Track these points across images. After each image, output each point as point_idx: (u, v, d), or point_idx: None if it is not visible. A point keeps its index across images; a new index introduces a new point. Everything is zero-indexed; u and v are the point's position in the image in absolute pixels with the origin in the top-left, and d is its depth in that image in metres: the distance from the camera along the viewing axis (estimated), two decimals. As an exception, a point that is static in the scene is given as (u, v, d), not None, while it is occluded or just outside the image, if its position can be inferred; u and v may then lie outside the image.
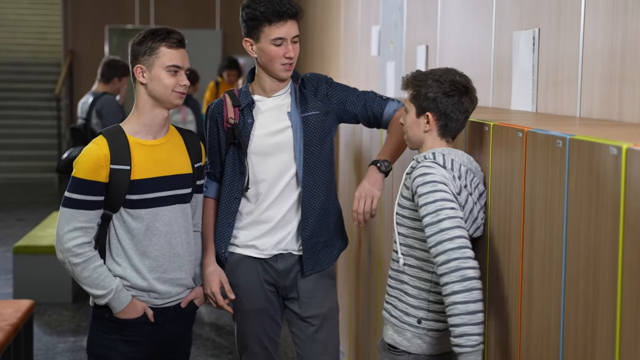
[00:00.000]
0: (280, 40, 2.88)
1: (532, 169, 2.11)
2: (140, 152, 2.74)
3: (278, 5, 2.86)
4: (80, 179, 2.68)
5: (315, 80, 3.06)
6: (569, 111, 2.89)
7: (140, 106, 2.76)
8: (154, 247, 2.77)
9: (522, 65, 3.29)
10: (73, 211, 2.68)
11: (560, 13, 2.96)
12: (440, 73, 2.49)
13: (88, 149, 2.72)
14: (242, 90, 3.03)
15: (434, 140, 2.50)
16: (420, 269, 2.46)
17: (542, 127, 2.24)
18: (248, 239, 3.05)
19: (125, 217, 2.74)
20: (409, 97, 2.52)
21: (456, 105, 2.46)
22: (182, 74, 2.73)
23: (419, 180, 2.37)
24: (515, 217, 2.23)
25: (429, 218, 2.30)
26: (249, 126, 2.98)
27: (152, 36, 2.72)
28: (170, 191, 2.79)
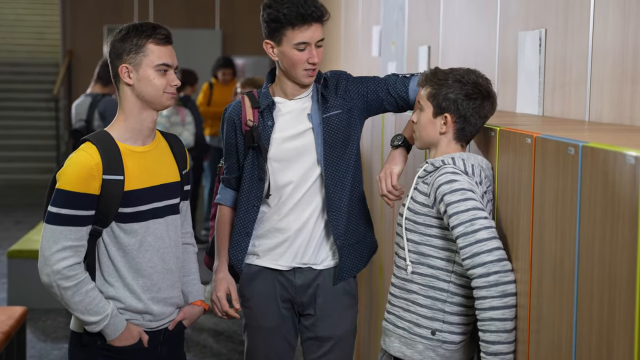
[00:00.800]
0: (303, 45, 2.70)
1: (542, 178, 2.00)
2: (132, 160, 2.49)
3: (302, 8, 2.68)
4: (69, 191, 2.38)
5: (335, 77, 2.87)
6: (577, 114, 2.79)
7: (128, 109, 2.51)
8: (147, 264, 2.52)
9: (528, 67, 3.18)
10: (62, 228, 2.39)
11: (568, 12, 2.85)
12: (463, 73, 2.37)
13: (76, 157, 2.43)
14: (262, 91, 2.86)
15: (449, 143, 2.38)
16: (435, 278, 2.34)
17: (550, 132, 2.13)
18: (267, 247, 2.88)
19: (117, 232, 2.48)
20: (427, 94, 2.39)
21: (477, 110, 2.35)
22: (172, 72, 2.51)
23: (445, 188, 2.24)
24: (523, 227, 2.13)
25: (463, 228, 2.19)
26: (268, 129, 2.81)
27: (137, 32, 2.47)
28: (163, 202, 2.57)
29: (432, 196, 2.30)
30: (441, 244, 2.33)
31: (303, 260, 2.85)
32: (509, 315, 2.13)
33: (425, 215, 2.33)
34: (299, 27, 2.68)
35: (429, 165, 2.37)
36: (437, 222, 2.32)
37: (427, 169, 2.37)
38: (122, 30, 2.50)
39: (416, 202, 2.36)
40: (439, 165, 2.33)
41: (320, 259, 2.87)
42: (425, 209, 2.33)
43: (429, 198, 2.32)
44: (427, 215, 2.33)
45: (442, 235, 2.32)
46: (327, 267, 2.89)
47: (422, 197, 2.35)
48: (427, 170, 2.37)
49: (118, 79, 2.50)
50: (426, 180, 2.36)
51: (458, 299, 2.32)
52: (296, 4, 2.67)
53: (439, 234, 2.32)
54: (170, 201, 2.60)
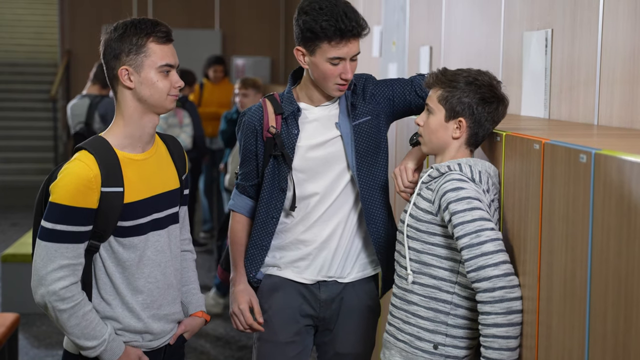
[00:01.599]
0: (337, 60, 2.51)
1: (551, 186, 1.89)
2: (131, 170, 2.30)
3: (343, 23, 2.47)
4: (65, 206, 2.19)
5: (361, 81, 2.69)
6: (585, 118, 2.68)
7: (128, 114, 2.31)
8: (146, 280, 2.34)
9: (534, 68, 3.08)
10: (57, 246, 2.20)
11: (576, 11, 2.75)
12: (475, 75, 2.24)
13: (73, 169, 2.22)
14: (285, 95, 2.67)
15: (459, 148, 2.27)
16: (437, 289, 2.23)
17: (559, 137, 2.02)
18: (290, 259, 2.70)
19: (116, 247, 2.30)
20: (438, 97, 2.26)
21: (492, 114, 2.23)
22: (174, 72, 2.32)
23: (451, 196, 2.13)
24: (530, 239, 2.01)
25: (468, 239, 2.08)
26: (293, 137, 2.62)
27: (135, 30, 2.27)
28: (163, 212, 2.39)
29: (437, 203, 2.19)
30: (445, 253, 2.21)
31: (329, 274, 2.69)
32: (513, 333, 2.02)
33: (429, 222, 2.22)
34: (336, 43, 2.49)
35: (433, 171, 2.25)
36: (440, 230, 2.21)
37: (432, 174, 2.26)
38: (118, 28, 2.29)
39: (419, 209, 2.25)
40: (445, 171, 2.22)
41: (346, 272, 2.71)
42: (428, 217, 2.22)
43: (432, 205, 2.21)
44: (431, 223, 2.22)
45: (446, 244, 2.21)
46: (352, 281, 2.72)
47: (426, 204, 2.24)
48: (432, 176, 2.26)
49: (116, 82, 2.31)
50: (430, 187, 2.25)
51: (462, 312, 2.21)
52: (336, 17, 2.47)
53: (442, 243, 2.21)
54: (171, 210, 2.43)
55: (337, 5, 2.50)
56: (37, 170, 11.90)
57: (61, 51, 12.23)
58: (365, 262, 2.74)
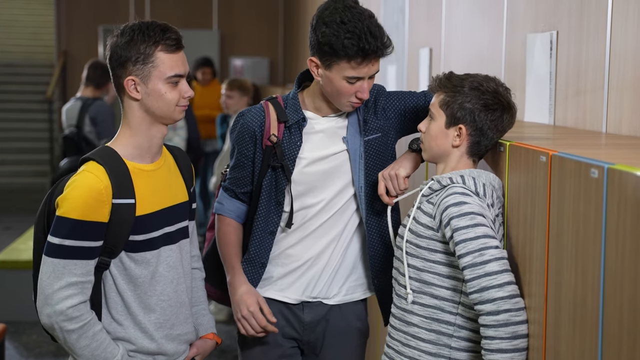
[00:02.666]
0: (355, 80, 2.30)
1: (559, 202, 1.76)
2: (142, 181, 2.18)
3: (367, 43, 2.24)
4: (75, 220, 2.06)
5: (372, 93, 2.48)
6: (592, 125, 2.55)
7: (135, 125, 2.18)
8: (159, 298, 2.21)
9: (538, 72, 2.95)
10: (66, 262, 2.07)
11: (583, 13, 2.62)
12: (481, 80, 2.11)
13: (82, 180, 2.09)
14: (289, 100, 2.46)
15: (460, 157, 2.13)
16: (439, 310, 2.09)
17: (567, 147, 1.89)
18: (272, 275, 2.52)
19: (128, 264, 2.17)
20: (439, 102, 2.13)
21: (495, 122, 2.09)
22: (184, 82, 2.18)
23: (453, 211, 2.00)
24: (537, 258, 1.88)
25: (471, 258, 1.94)
26: (296, 148, 2.42)
27: (143, 37, 2.13)
28: (174, 225, 2.26)
29: (438, 219, 2.05)
30: (446, 271, 2.08)
31: (313, 294, 2.50)
32: (519, 359, 1.89)
33: (429, 239, 2.08)
34: (357, 64, 2.27)
35: (434, 183, 2.12)
36: (442, 247, 2.07)
37: (433, 187, 2.12)
38: (125, 33, 2.16)
39: (419, 224, 2.11)
40: (446, 183, 2.08)
41: (332, 293, 2.52)
42: (429, 232, 2.08)
43: (434, 220, 2.07)
44: (431, 239, 2.08)
45: (448, 262, 2.07)
46: (338, 303, 2.54)
47: (426, 219, 2.10)
48: (433, 189, 2.12)
49: (123, 91, 2.19)
50: (431, 200, 2.11)
51: (466, 334, 2.07)
52: (360, 35, 2.23)
53: (444, 261, 2.07)
54: (182, 224, 2.30)
55: (361, 20, 2.25)
56: (33, 173, 11.80)
57: (57, 52, 12.13)
58: (354, 285, 2.55)
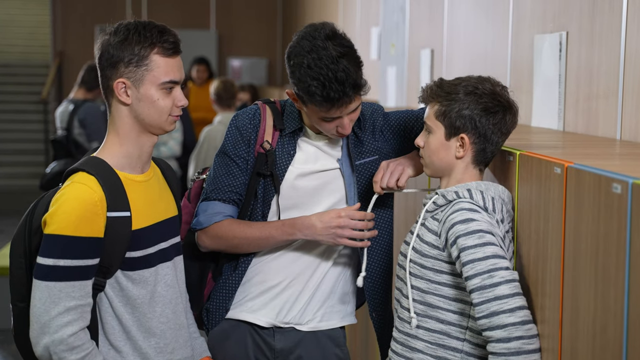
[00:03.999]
0: (332, 119, 2.14)
1: (576, 219, 1.61)
2: (135, 192, 2.01)
3: (332, 90, 2.04)
4: (68, 237, 1.88)
5: (370, 113, 2.32)
6: (605, 132, 2.40)
7: (123, 133, 2.01)
8: (159, 320, 2.04)
9: (546, 75, 2.80)
10: (62, 285, 1.87)
11: (595, 13, 2.47)
12: (475, 83, 1.95)
13: (74, 193, 1.91)
14: (288, 107, 2.29)
15: (466, 168, 1.97)
16: (445, 335, 1.93)
17: (583, 158, 1.74)
18: (244, 295, 2.32)
19: (124, 284, 1.99)
20: (435, 113, 1.97)
21: (498, 125, 1.94)
22: (178, 89, 2.01)
23: (460, 229, 1.84)
24: (551, 280, 1.73)
25: (479, 280, 1.79)
26: (288, 157, 2.26)
27: (139, 37, 1.96)
28: (169, 241, 2.10)
29: (443, 237, 1.89)
30: (453, 294, 1.92)
31: (286, 319, 2.31)
32: None
33: (434, 258, 1.92)
34: (326, 109, 2.09)
35: (439, 198, 1.96)
36: (448, 267, 1.91)
37: (438, 201, 1.96)
38: (119, 32, 1.98)
39: (423, 242, 1.95)
40: (452, 198, 1.92)
41: (306, 319, 2.32)
42: (434, 252, 1.92)
43: (439, 239, 1.91)
44: (437, 259, 1.92)
45: (455, 284, 1.91)
46: (313, 330, 2.33)
47: (431, 237, 1.94)
48: (438, 204, 1.96)
49: (111, 94, 2.01)
50: (436, 216, 1.95)
51: None
52: (324, 83, 2.04)
53: (450, 282, 1.92)
54: (175, 239, 2.13)
55: (327, 64, 2.05)
56: (28, 174, 11.67)
57: (53, 52, 12.00)
58: (330, 311, 2.35)
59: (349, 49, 2.10)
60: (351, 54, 2.10)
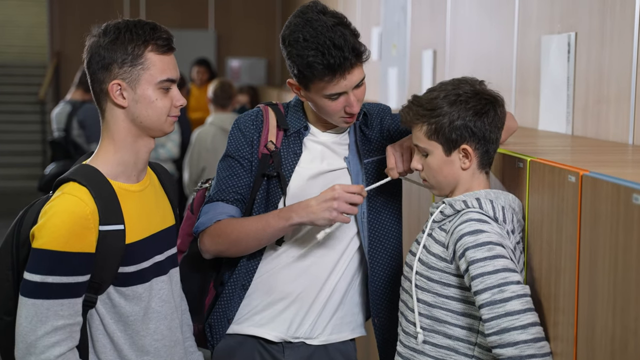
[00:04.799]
0: (337, 95, 2.05)
1: (592, 230, 1.52)
2: (129, 203, 1.90)
3: (331, 57, 1.98)
4: (58, 252, 1.76)
5: (378, 112, 2.25)
6: (617, 136, 2.32)
7: (119, 138, 1.90)
8: (152, 337, 1.93)
9: (554, 77, 2.71)
10: (50, 303, 1.76)
11: (606, 12, 2.39)
12: (454, 90, 1.85)
13: (63, 205, 1.79)
14: (291, 107, 2.22)
15: (473, 174, 1.88)
16: (453, 351, 1.83)
17: (598, 165, 1.66)
18: (251, 308, 2.20)
19: (117, 300, 1.88)
20: (426, 134, 1.87)
21: (494, 123, 1.85)
22: (176, 88, 1.92)
23: (468, 240, 1.75)
24: (565, 294, 1.64)
25: (489, 295, 1.70)
26: (295, 157, 2.17)
27: (131, 36, 1.85)
28: (164, 253, 1.99)
29: (451, 249, 1.80)
30: (461, 308, 1.83)
31: (297, 334, 2.19)
32: None
33: (442, 271, 1.83)
34: (329, 80, 2.02)
35: (446, 207, 1.86)
36: (456, 280, 1.82)
37: (445, 211, 1.86)
38: (108, 32, 1.86)
39: (430, 254, 1.86)
40: (461, 208, 1.83)
41: (316, 332, 2.20)
42: (442, 264, 1.83)
43: (446, 250, 1.82)
44: (444, 272, 1.83)
45: (463, 298, 1.82)
46: (323, 344, 2.21)
47: (439, 248, 1.84)
48: (445, 214, 1.86)
49: (105, 98, 1.89)
50: (444, 226, 1.86)
51: None
52: (322, 51, 1.98)
53: (458, 296, 1.82)
54: (171, 251, 2.02)
55: (323, 33, 2.00)
56: (25, 176, 11.59)
57: (50, 52, 11.93)
58: (341, 323, 2.24)
59: (343, 19, 2.05)
60: (346, 23, 2.05)
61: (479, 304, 1.71)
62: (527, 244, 1.84)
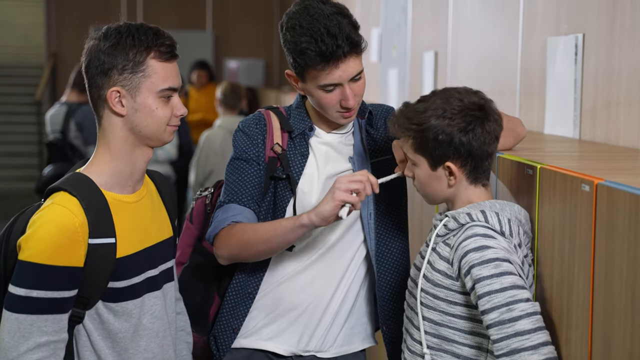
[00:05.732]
0: (332, 87, 1.99)
1: (607, 242, 1.45)
2: (123, 215, 1.82)
3: (324, 44, 1.93)
4: (44, 265, 1.68)
5: (383, 112, 2.20)
6: (627, 141, 2.25)
7: (116, 147, 1.82)
8: (143, 356, 1.85)
9: (560, 80, 2.64)
10: (34, 318, 1.69)
11: (615, 13, 2.31)
12: (442, 105, 1.76)
13: (51, 215, 1.71)
14: (293, 110, 2.15)
15: (466, 190, 1.79)
16: None
17: (612, 173, 1.58)
18: (259, 321, 2.13)
19: (105, 316, 1.80)
20: (412, 147, 1.81)
21: (482, 138, 1.75)
22: (177, 97, 1.85)
23: (474, 257, 1.67)
24: (578, 309, 1.56)
25: (497, 314, 1.61)
26: (302, 159, 2.10)
27: (133, 40, 1.78)
28: (159, 267, 1.91)
29: (456, 265, 1.72)
30: (469, 327, 1.74)
31: (308, 347, 2.12)
32: None
33: (447, 289, 1.75)
34: (322, 69, 1.96)
35: (450, 221, 1.78)
36: (462, 298, 1.73)
37: (449, 225, 1.78)
38: (109, 36, 1.79)
39: (435, 270, 1.77)
40: (465, 222, 1.74)
41: (327, 344, 2.13)
42: (447, 281, 1.74)
43: (451, 267, 1.74)
44: (450, 290, 1.74)
45: (470, 316, 1.74)
46: (335, 357, 2.15)
47: (443, 265, 1.76)
48: (449, 227, 1.78)
49: (102, 105, 1.82)
50: (448, 241, 1.77)
51: None
52: (316, 38, 1.94)
53: (464, 314, 1.74)
54: (167, 265, 1.95)
55: (319, 20, 1.95)
56: (21, 177, 11.53)
57: (47, 53, 11.87)
58: (351, 334, 2.17)
59: (343, 9, 2.00)
60: (346, 13, 2.00)
61: (487, 323, 1.63)
62: (537, 255, 1.76)
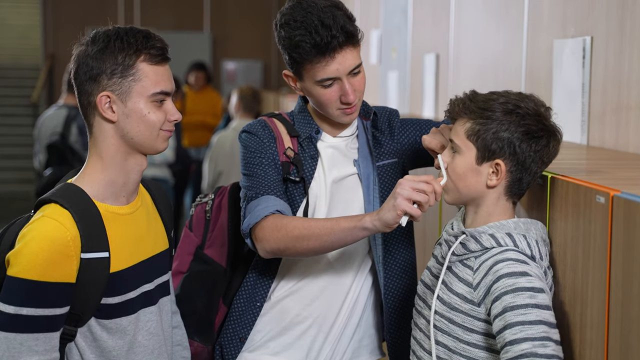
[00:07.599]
0: (330, 81, 1.93)
1: (625, 256, 1.37)
2: (117, 228, 1.75)
3: (318, 35, 1.88)
4: (34, 282, 1.61)
5: (386, 115, 2.13)
6: (637, 147, 2.19)
7: (108, 155, 1.74)
8: None
9: (567, 84, 2.56)
10: (24, 337, 1.61)
11: (625, 15, 2.24)
12: (515, 101, 1.65)
13: (42, 229, 1.64)
14: (296, 115, 2.09)
15: (498, 200, 1.68)
16: None
17: (627, 184, 1.51)
18: (265, 334, 2.07)
19: (99, 333, 1.72)
20: (466, 132, 1.67)
21: (540, 153, 1.64)
22: (170, 102, 1.77)
23: (508, 283, 1.56)
24: (593, 326, 1.49)
25: (529, 346, 1.49)
26: (312, 161, 2.04)
27: (122, 44, 1.71)
28: (155, 281, 1.83)
29: (482, 291, 1.60)
30: (485, 356, 1.63)
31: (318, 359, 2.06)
32: None
33: (466, 314, 1.64)
34: (318, 61, 1.90)
35: (469, 240, 1.67)
36: (481, 326, 1.62)
37: (469, 245, 1.66)
38: (97, 40, 1.72)
39: (452, 293, 1.66)
40: (490, 245, 1.63)
41: (336, 358, 2.07)
42: (466, 306, 1.63)
43: (474, 291, 1.63)
44: (469, 315, 1.63)
45: (487, 346, 1.63)
46: None
47: (463, 288, 1.65)
48: (470, 249, 1.66)
49: (92, 112, 1.74)
50: (468, 262, 1.66)
51: None
52: (309, 30, 1.88)
53: (482, 344, 1.63)
54: (162, 278, 1.87)
55: (313, 12, 1.89)
56: (18, 180, 11.47)
57: (44, 54, 11.81)
58: (359, 346, 2.11)
59: (338, 3, 1.94)
60: (341, 6, 1.94)
61: (516, 353, 1.50)
62: (548, 269, 1.69)
